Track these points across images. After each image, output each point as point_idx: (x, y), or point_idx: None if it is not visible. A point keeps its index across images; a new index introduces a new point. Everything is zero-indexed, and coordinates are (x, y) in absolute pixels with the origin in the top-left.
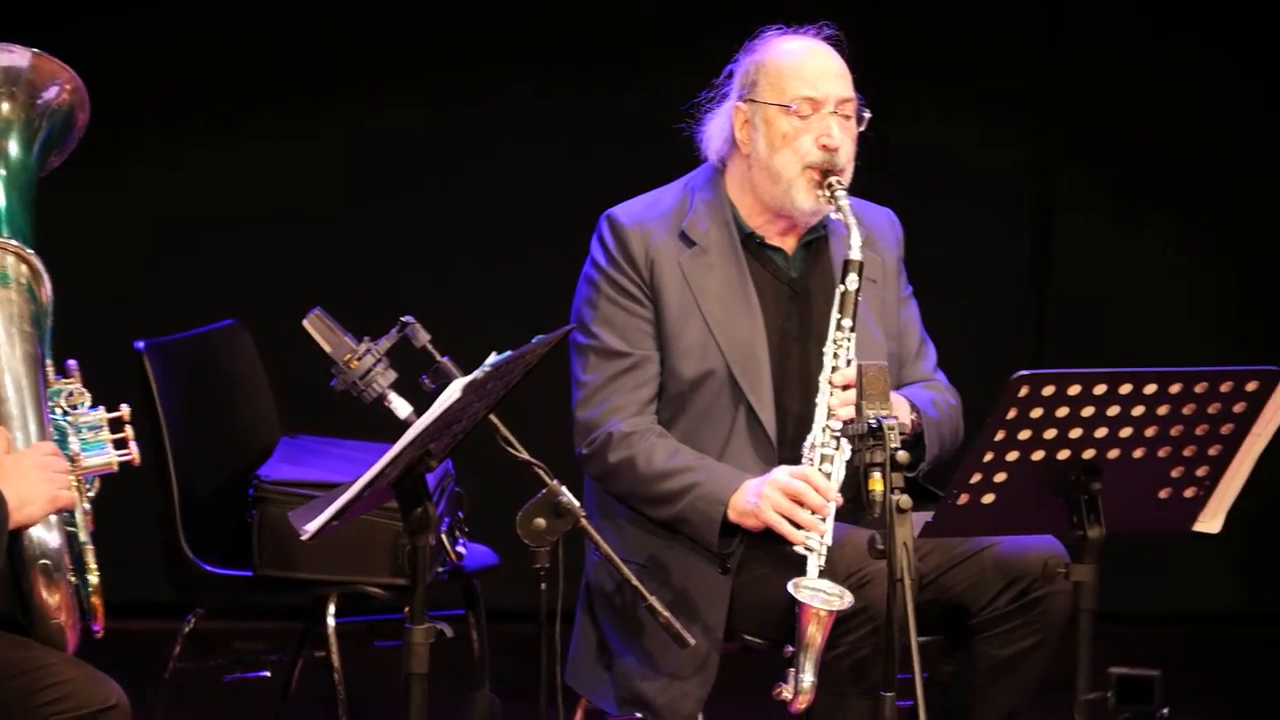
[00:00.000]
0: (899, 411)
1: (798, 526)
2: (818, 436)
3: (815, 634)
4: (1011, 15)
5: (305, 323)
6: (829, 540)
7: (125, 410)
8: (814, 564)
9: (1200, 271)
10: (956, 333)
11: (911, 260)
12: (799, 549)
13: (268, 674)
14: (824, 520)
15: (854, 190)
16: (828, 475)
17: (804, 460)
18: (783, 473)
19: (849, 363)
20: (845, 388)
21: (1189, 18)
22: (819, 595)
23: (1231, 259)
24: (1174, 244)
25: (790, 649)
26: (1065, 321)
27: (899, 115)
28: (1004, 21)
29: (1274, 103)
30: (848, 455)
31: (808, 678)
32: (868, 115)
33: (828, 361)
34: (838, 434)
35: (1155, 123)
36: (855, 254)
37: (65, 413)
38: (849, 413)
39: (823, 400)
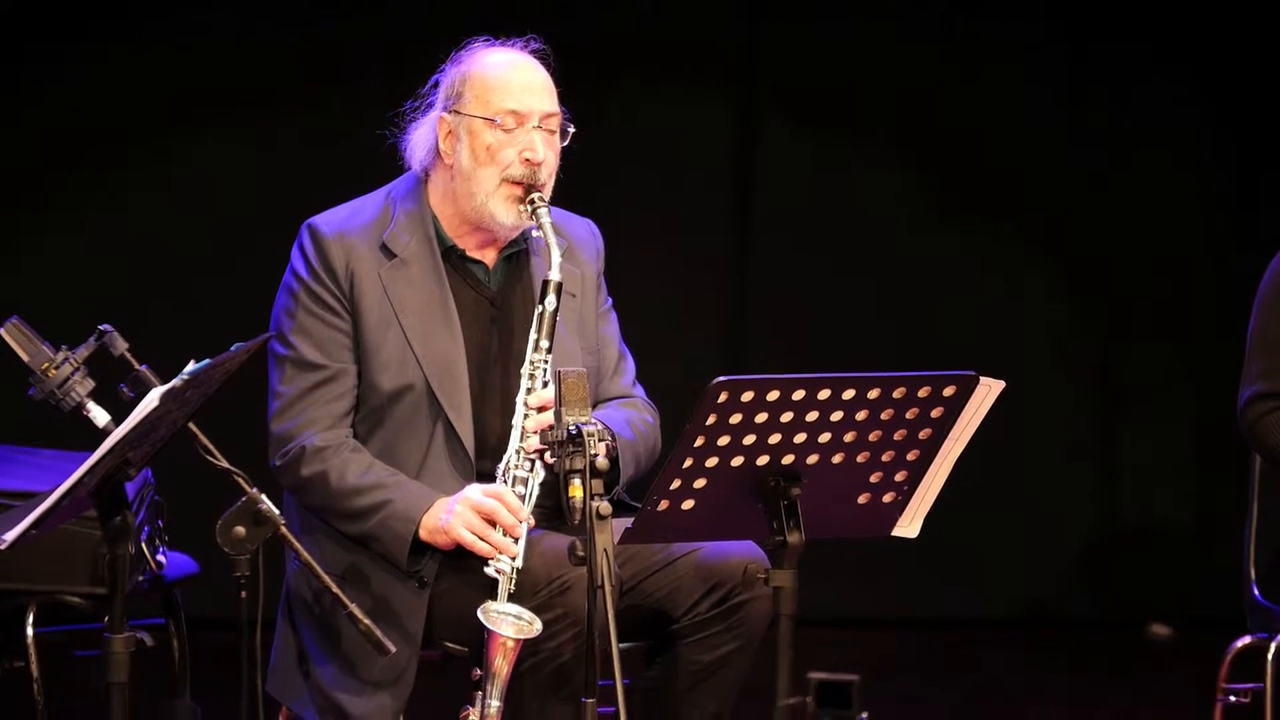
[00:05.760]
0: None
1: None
2: (512, 459)
3: (502, 663)
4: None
5: (2, 331)
6: (520, 563)
7: None
8: (504, 587)
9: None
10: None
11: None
12: (489, 571)
13: None
14: (516, 542)
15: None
16: (521, 497)
17: (499, 482)
18: (475, 491)
19: (546, 384)
20: (541, 409)
21: None
22: (507, 620)
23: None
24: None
25: (478, 671)
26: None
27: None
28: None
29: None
30: (541, 478)
31: (494, 703)
32: (572, 130)
33: (524, 383)
34: (532, 456)
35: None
36: (555, 274)
37: None
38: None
39: (518, 422)
